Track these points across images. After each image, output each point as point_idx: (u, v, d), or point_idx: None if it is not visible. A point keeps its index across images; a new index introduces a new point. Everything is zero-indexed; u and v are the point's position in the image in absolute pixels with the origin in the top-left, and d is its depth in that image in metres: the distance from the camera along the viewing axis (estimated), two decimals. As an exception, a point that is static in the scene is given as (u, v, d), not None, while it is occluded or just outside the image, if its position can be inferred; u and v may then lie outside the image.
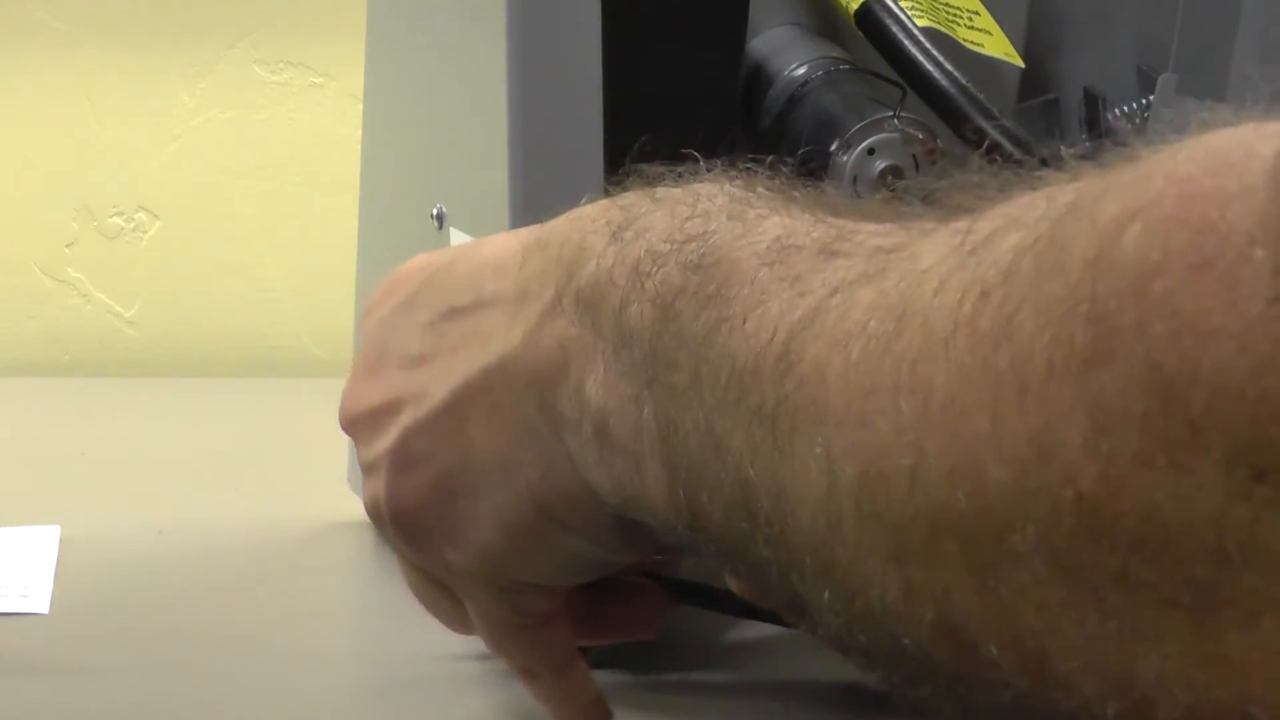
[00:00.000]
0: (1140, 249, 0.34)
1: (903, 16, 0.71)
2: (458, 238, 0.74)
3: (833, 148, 0.71)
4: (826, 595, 0.41)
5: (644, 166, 0.55)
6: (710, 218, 0.49)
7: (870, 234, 0.44)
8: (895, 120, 0.71)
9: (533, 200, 0.68)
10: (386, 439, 0.59)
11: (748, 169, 0.52)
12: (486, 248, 0.58)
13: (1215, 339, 0.33)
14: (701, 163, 0.54)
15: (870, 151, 0.71)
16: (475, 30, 0.71)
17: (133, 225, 1.35)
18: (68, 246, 1.35)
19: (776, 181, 0.51)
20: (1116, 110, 0.79)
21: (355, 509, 0.91)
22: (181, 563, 0.86)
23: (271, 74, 1.35)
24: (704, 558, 0.49)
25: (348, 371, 0.91)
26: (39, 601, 0.79)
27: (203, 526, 0.91)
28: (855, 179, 0.71)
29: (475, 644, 0.74)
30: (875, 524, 0.39)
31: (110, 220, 1.35)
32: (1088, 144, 0.75)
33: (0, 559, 0.84)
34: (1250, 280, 0.33)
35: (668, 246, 0.49)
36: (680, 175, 0.54)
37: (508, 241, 0.57)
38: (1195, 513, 0.33)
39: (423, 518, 0.58)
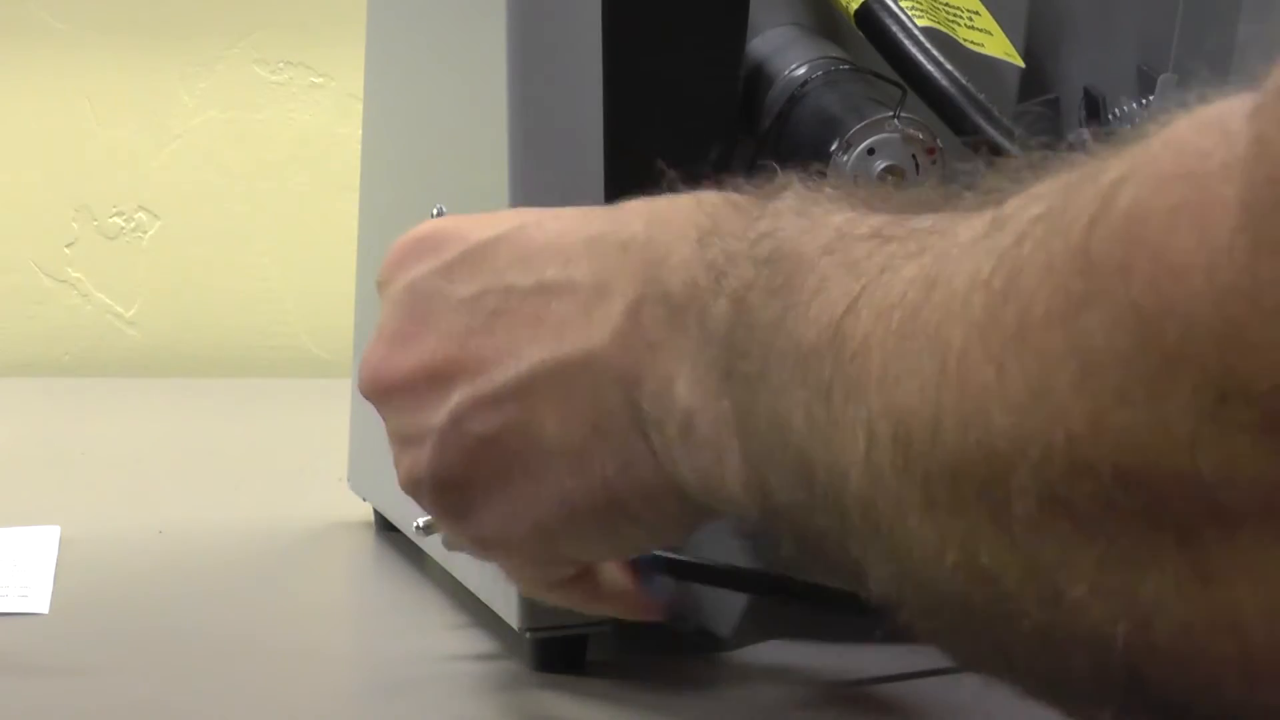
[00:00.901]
0: (1131, 201, 0.37)
1: (903, 16, 0.71)
2: (458, 238, 0.74)
3: (833, 148, 0.71)
4: (875, 554, 0.44)
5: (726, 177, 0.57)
6: (779, 216, 0.51)
7: (922, 220, 0.46)
8: (895, 120, 0.71)
9: (533, 200, 0.68)
10: (434, 412, 0.59)
11: (818, 173, 0.55)
12: (535, 230, 0.58)
13: (1188, 274, 0.35)
14: (778, 171, 0.56)
15: (870, 151, 0.71)
16: (475, 30, 0.71)
17: (133, 225, 1.35)
18: (68, 246, 1.35)
19: (843, 183, 0.53)
20: (1116, 110, 0.79)
21: (355, 509, 0.91)
22: (181, 563, 0.86)
23: (271, 74, 1.36)
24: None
25: (348, 372, 0.91)
26: (39, 601, 0.79)
27: (203, 526, 0.91)
28: (855, 179, 0.71)
29: (475, 644, 0.74)
30: (908, 478, 0.42)
31: (110, 220, 1.35)
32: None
33: (0, 559, 0.84)
34: (1219, 215, 0.35)
35: (741, 245, 0.52)
36: (756, 184, 0.56)
37: (562, 226, 0.58)
38: (1171, 441, 0.35)
39: (471, 493, 0.59)
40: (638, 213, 0.57)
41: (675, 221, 0.55)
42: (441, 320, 0.59)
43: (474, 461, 0.59)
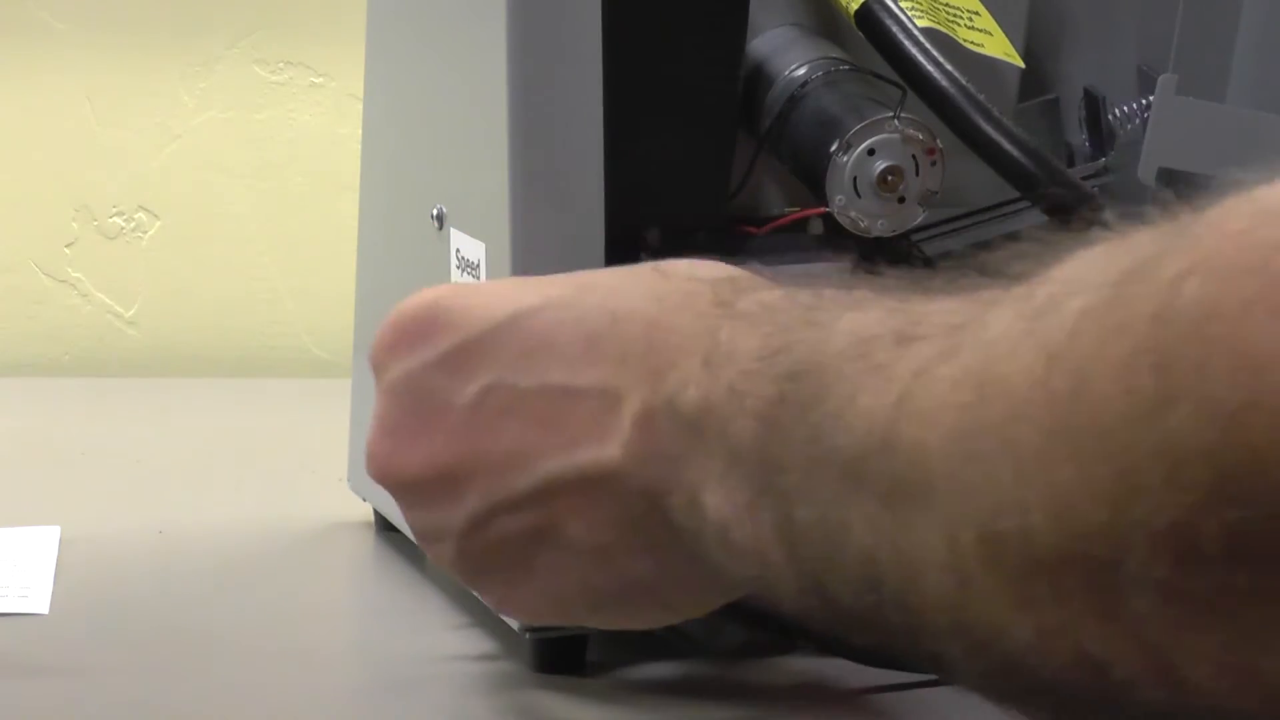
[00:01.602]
0: (1198, 297, 0.38)
1: (903, 17, 0.71)
2: (458, 238, 0.74)
3: (833, 148, 0.71)
4: (961, 648, 0.44)
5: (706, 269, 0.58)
6: (789, 329, 0.52)
7: (939, 313, 0.47)
8: (895, 120, 0.71)
9: (533, 200, 0.68)
10: (450, 513, 0.59)
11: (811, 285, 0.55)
12: (532, 321, 0.58)
13: (1270, 368, 0.36)
14: (765, 271, 0.58)
15: (870, 152, 0.71)
16: (475, 30, 0.71)
17: (133, 225, 1.35)
18: (68, 246, 1.35)
19: (841, 281, 0.54)
20: (1116, 110, 0.79)
21: (355, 509, 0.91)
22: (181, 563, 0.86)
23: (271, 74, 1.35)
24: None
25: (348, 372, 0.91)
26: (39, 601, 0.79)
27: (203, 526, 0.91)
28: (855, 179, 0.71)
29: (475, 644, 0.74)
30: (999, 577, 0.42)
31: (110, 220, 1.35)
32: (1086, 145, 0.75)
33: (0, 559, 0.84)
34: None
35: (758, 365, 0.52)
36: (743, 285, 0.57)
37: (556, 318, 0.58)
38: (1273, 525, 0.36)
39: (496, 579, 0.61)
40: (634, 313, 0.57)
41: (675, 333, 0.56)
42: (446, 418, 0.59)
43: (496, 559, 0.60)
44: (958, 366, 0.44)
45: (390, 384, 0.61)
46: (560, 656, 0.71)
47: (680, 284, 0.57)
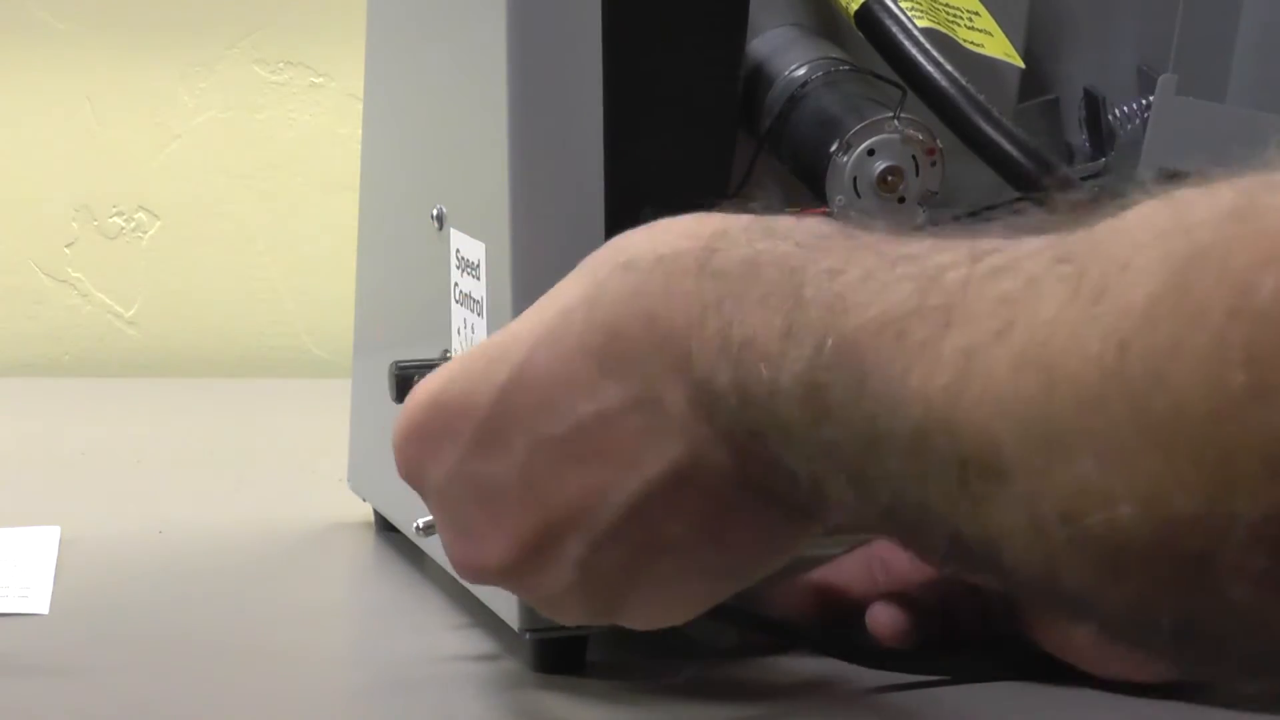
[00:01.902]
0: (1276, 292, 0.38)
1: (903, 17, 0.71)
2: (458, 238, 0.74)
3: (833, 148, 0.71)
4: (1057, 605, 0.46)
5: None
6: (803, 306, 0.51)
7: (977, 285, 0.46)
8: (895, 121, 0.71)
9: (533, 200, 0.68)
10: (558, 572, 0.59)
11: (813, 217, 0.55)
12: (530, 369, 0.58)
13: None
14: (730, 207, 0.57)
15: (870, 152, 0.71)
16: (475, 30, 0.71)
17: (133, 225, 1.35)
18: (68, 246, 1.35)
19: (835, 231, 0.53)
20: (1116, 110, 0.79)
21: (355, 509, 0.91)
22: (181, 563, 0.86)
23: (271, 74, 1.35)
24: None
25: (348, 372, 0.91)
26: (39, 601, 0.79)
27: (203, 526, 0.91)
28: (855, 179, 0.71)
29: (475, 644, 0.74)
30: (1089, 555, 0.42)
31: (110, 220, 1.35)
32: (1086, 145, 0.75)
33: (0, 559, 0.84)
34: None
35: (781, 347, 0.51)
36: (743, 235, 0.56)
37: (553, 354, 0.57)
38: None
39: (631, 606, 0.60)
40: (624, 317, 0.56)
41: (676, 320, 0.55)
42: (507, 496, 0.59)
43: (622, 586, 0.59)
44: (1014, 348, 0.44)
45: (438, 492, 0.61)
46: (560, 656, 0.71)
47: (654, 268, 0.56)
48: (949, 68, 0.70)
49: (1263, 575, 0.39)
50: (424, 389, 0.61)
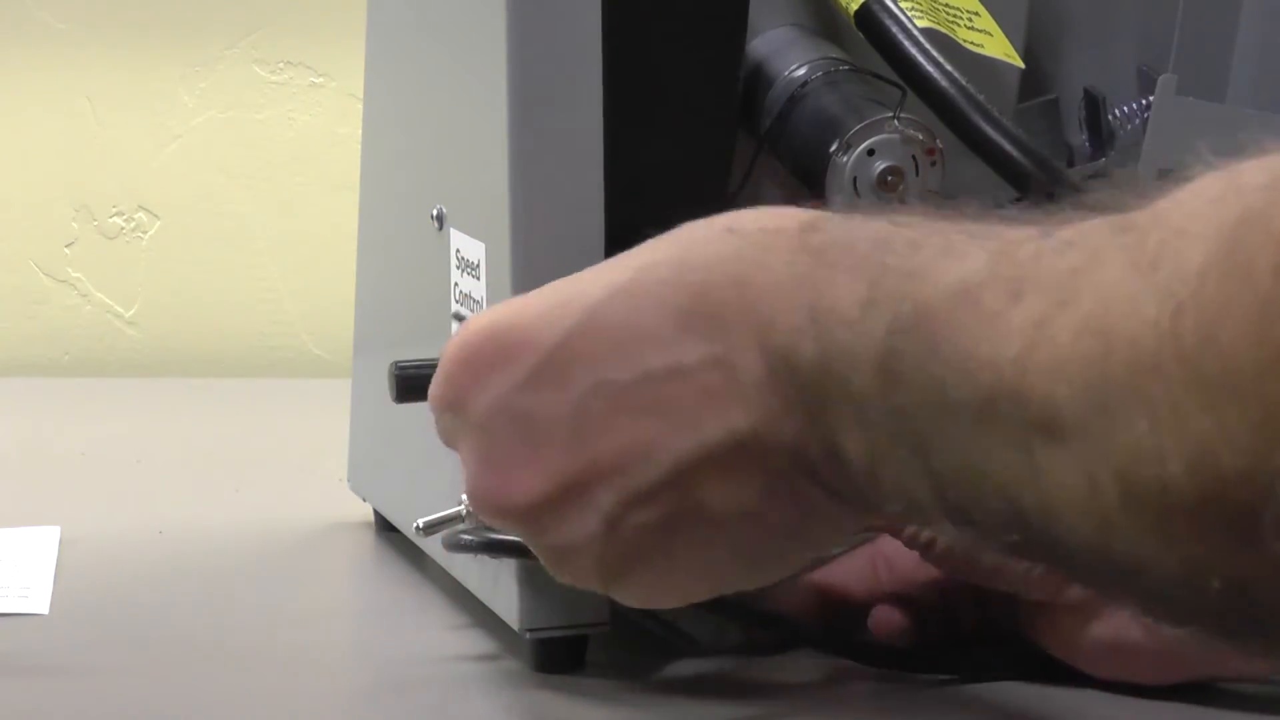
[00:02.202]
0: None
1: (902, 17, 0.71)
2: (458, 238, 0.74)
3: (833, 148, 0.71)
4: (1109, 580, 0.47)
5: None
6: (887, 276, 0.52)
7: (1048, 258, 0.47)
8: (895, 121, 0.71)
9: (533, 200, 0.68)
10: (584, 521, 0.58)
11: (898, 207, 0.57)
12: (607, 314, 0.57)
13: None
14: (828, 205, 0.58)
15: (870, 152, 0.71)
16: (475, 30, 0.71)
17: (133, 225, 1.35)
18: (68, 246, 1.35)
19: (920, 216, 0.54)
20: (1116, 110, 0.79)
21: (355, 509, 0.91)
22: (181, 563, 0.86)
23: (271, 74, 1.35)
24: None
25: (348, 372, 0.91)
26: (39, 601, 0.79)
27: (203, 526, 0.91)
28: (855, 179, 0.71)
29: (475, 644, 0.74)
30: (1141, 516, 0.44)
31: (110, 220, 1.35)
32: (1086, 145, 0.75)
33: (0, 559, 0.84)
34: None
35: (860, 315, 0.52)
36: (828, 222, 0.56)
37: (632, 305, 0.57)
38: None
39: (641, 574, 0.59)
40: (717, 278, 0.56)
41: (767, 288, 0.55)
42: (552, 434, 0.58)
43: (640, 552, 0.59)
44: (1078, 316, 0.45)
45: (481, 417, 0.59)
46: (560, 656, 0.71)
47: (755, 237, 0.56)
48: (949, 68, 0.70)
49: None
50: (484, 317, 0.60)
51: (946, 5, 0.74)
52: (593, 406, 0.57)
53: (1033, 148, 0.69)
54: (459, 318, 0.73)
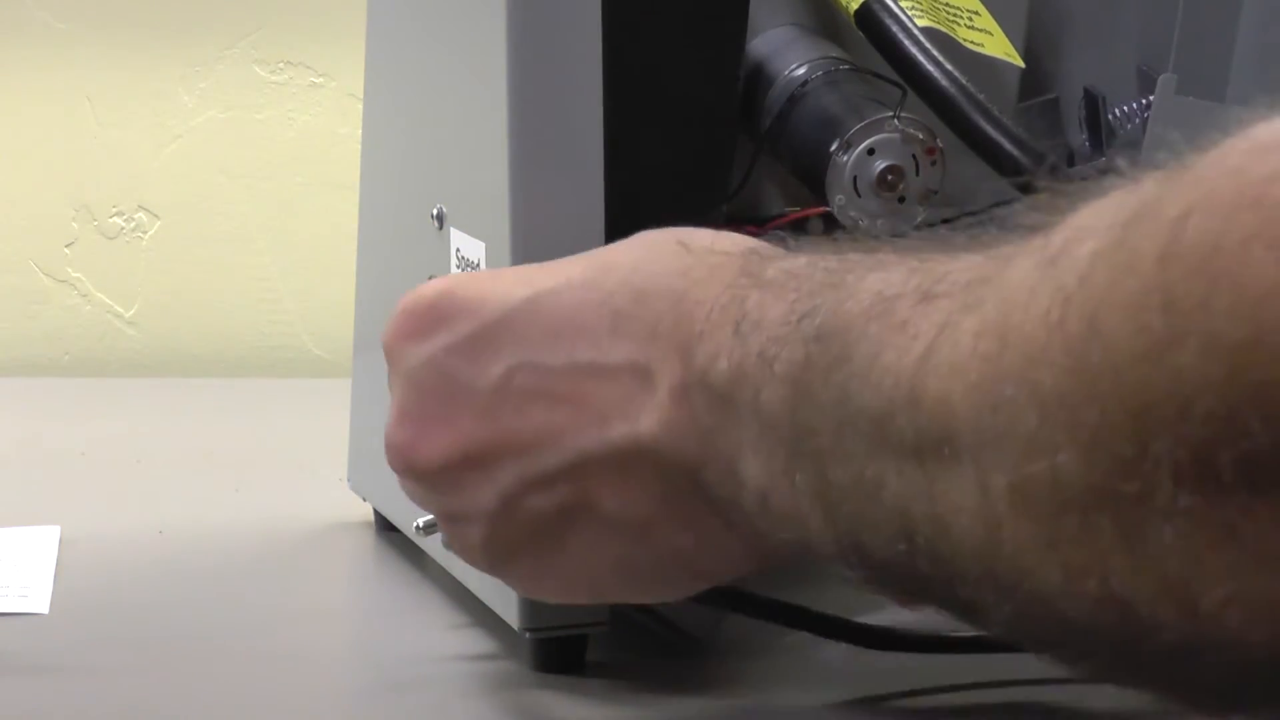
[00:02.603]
0: (1200, 235, 0.38)
1: (903, 16, 0.71)
2: (458, 238, 0.74)
3: (833, 148, 0.71)
4: (991, 594, 0.45)
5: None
6: (814, 294, 0.52)
7: (961, 269, 0.48)
8: (895, 120, 0.71)
9: (533, 200, 0.68)
10: (480, 493, 0.59)
11: (836, 239, 0.56)
12: (552, 301, 0.59)
13: (1269, 301, 0.37)
14: (788, 240, 0.58)
15: (870, 151, 0.71)
16: (475, 30, 0.71)
17: (133, 225, 1.35)
18: (68, 246, 1.35)
19: (864, 243, 0.54)
20: (1116, 110, 0.79)
21: (355, 509, 0.91)
22: (181, 563, 0.86)
23: (271, 74, 1.35)
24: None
25: (348, 372, 0.91)
26: (39, 601, 0.79)
27: (203, 526, 0.91)
28: (855, 179, 0.71)
29: (475, 644, 0.74)
30: (1030, 520, 0.43)
31: (110, 220, 1.35)
32: (1086, 145, 0.75)
33: (0, 559, 0.84)
34: None
35: (785, 329, 0.52)
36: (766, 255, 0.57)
37: (579, 299, 0.58)
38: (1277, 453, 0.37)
39: (527, 561, 0.61)
40: (660, 288, 0.57)
41: (702, 305, 0.56)
42: (471, 401, 0.59)
43: (529, 537, 0.60)
44: (979, 319, 0.45)
45: (409, 371, 0.61)
46: (560, 656, 0.71)
47: (705, 257, 0.58)
48: (949, 67, 0.70)
49: (1188, 514, 0.39)
50: (443, 280, 0.62)
51: (947, 4, 0.74)
52: (514, 383, 0.59)
53: (1033, 147, 0.69)
54: None
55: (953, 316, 0.46)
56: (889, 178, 0.71)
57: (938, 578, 0.48)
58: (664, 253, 0.59)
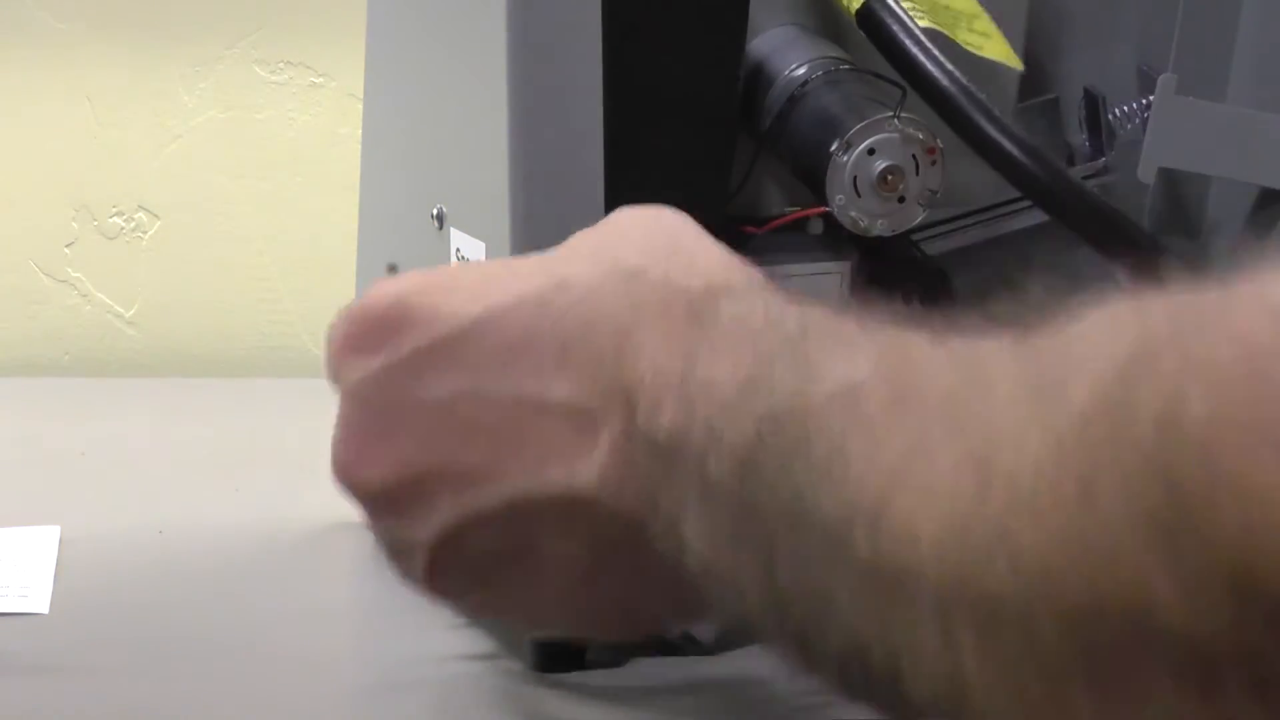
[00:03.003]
0: (1203, 412, 0.36)
1: (904, 16, 0.71)
2: (458, 238, 0.74)
3: (833, 148, 0.71)
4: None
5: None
6: (769, 359, 0.49)
7: (938, 372, 0.45)
8: (895, 120, 0.71)
9: (533, 200, 0.68)
10: (419, 524, 0.57)
11: (791, 298, 0.53)
12: (503, 322, 0.56)
13: (1274, 504, 0.35)
14: (738, 286, 0.55)
15: (870, 151, 0.71)
16: (475, 30, 0.71)
17: (133, 225, 1.35)
18: (68, 246, 1.35)
19: (828, 310, 0.51)
20: (1116, 110, 0.79)
21: (355, 509, 0.91)
22: (181, 563, 0.86)
23: (271, 74, 1.35)
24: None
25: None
26: (39, 601, 0.79)
27: (203, 526, 0.91)
28: (855, 179, 0.71)
29: (475, 644, 0.74)
30: (998, 669, 0.41)
31: (110, 220, 1.35)
32: (1086, 145, 0.75)
33: (0, 559, 0.84)
34: None
35: (736, 398, 0.49)
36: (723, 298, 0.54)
37: (529, 321, 0.56)
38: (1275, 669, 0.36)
39: (470, 595, 0.59)
40: (607, 320, 0.54)
41: (646, 347, 0.53)
42: (413, 423, 0.56)
43: (469, 574, 0.58)
44: (960, 449, 0.42)
45: (353, 387, 0.58)
46: (560, 656, 0.71)
47: (657, 291, 0.55)
48: (950, 67, 0.70)
49: (1182, 712, 0.37)
50: (394, 283, 0.59)
51: (947, 7, 0.74)
52: (458, 409, 0.56)
53: (1034, 147, 0.69)
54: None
55: (927, 436, 0.43)
56: (889, 178, 0.71)
57: (895, 700, 0.44)
58: (616, 280, 0.55)
